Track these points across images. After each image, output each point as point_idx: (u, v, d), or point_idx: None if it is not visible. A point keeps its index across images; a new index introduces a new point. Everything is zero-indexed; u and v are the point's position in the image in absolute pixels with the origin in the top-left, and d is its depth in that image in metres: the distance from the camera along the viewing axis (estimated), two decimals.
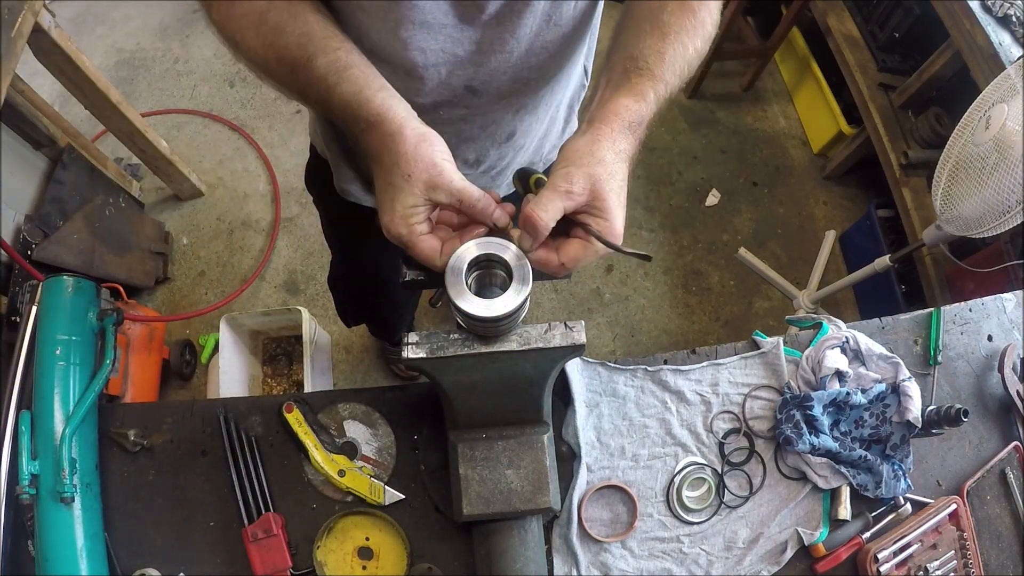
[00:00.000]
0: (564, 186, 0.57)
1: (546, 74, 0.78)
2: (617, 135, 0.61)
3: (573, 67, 0.84)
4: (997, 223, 1.32)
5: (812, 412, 0.86)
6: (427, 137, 0.58)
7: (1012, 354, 0.97)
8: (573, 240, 0.61)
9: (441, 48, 0.69)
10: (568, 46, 0.76)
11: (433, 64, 0.70)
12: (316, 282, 2.21)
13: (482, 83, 0.74)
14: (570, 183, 0.57)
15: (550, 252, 0.61)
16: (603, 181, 0.58)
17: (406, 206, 0.58)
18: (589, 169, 0.58)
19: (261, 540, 0.79)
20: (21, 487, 0.74)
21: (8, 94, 1.41)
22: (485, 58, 0.71)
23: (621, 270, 2.32)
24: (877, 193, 2.30)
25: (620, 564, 0.84)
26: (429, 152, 0.57)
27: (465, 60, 0.71)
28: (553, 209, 0.57)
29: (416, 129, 0.58)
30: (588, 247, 0.60)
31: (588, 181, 0.58)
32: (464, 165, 0.89)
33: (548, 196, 0.58)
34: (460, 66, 0.72)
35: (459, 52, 0.70)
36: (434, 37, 0.67)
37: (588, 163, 0.58)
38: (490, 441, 0.73)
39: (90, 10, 2.74)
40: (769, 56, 2.61)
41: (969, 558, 0.87)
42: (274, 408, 0.86)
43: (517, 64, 0.73)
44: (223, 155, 2.44)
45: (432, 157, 0.57)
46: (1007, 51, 1.61)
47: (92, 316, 0.85)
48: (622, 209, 0.60)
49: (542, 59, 0.75)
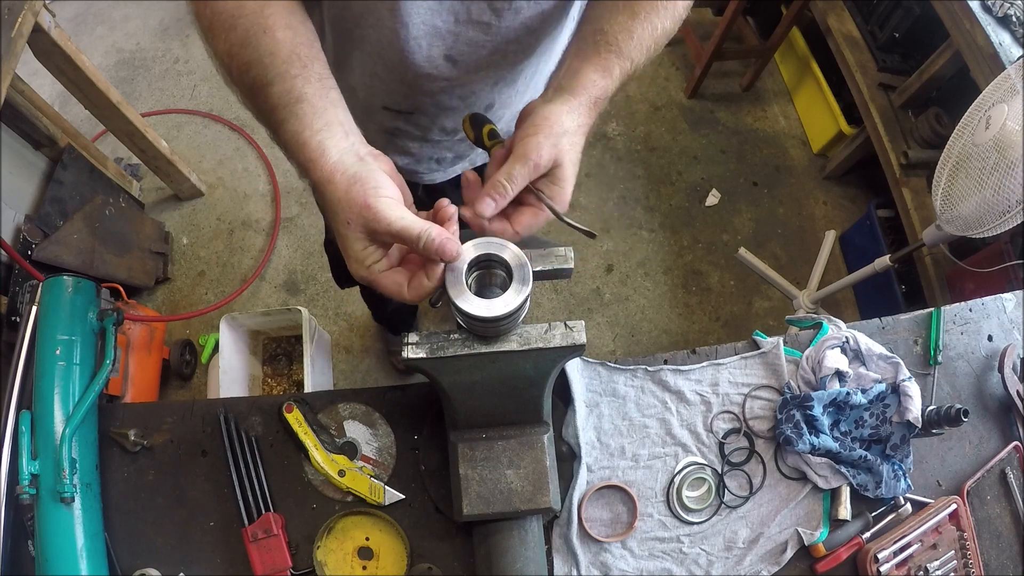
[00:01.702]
0: (533, 158, 0.59)
1: (527, 48, 0.80)
2: (583, 107, 0.63)
3: (554, 42, 0.85)
4: (997, 223, 1.32)
5: (812, 412, 0.86)
6: (359, 177, 0.56)
7: (1012, 354, 0.97)
8: (525, 209, 0.63)
9: (422, 20, 0.71)
10: (549, 22, 0.78)
11: (414, 37, 0.72)
12: (316, 282, 2.21)
13: (460, 54, 0.76)
14: (539, 154, 0.59)
15: (504, 222, 0.63)
16: (565, 152, 0.60)
17: (357, 251, 0.57)
18: (555, 140, 0.60)
19: (261, 540, 0.79)
20: (21, 487, 0.74)
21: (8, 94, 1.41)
22: (464, 29, 0.73)
23: (621, 270, 2.32)
24: (877, 193, 2.30)
25: (620, 564, 0.84)
26: (362, 194, 0.55)
27: (444, 31, 0.73)
28: (521, 180, 0.59)
29: (347, 172, 0.56)
30: (539, 214, 0.62)
31: (554, 152, 0.60)
32: (442, 133, 0.92)
33: (517, 169, 0.59)
34: (440, 37, 0.73)
35: (438, 23, 0.71)
36: (416, 9, 0.69)
37: (556, 132, 0.60)
38: (490, 441, 0.73)
39: (90, 10, 2.75)
40: (769, 56, 2.61)
41: (969, 558, 0.87)
42: (274, 408, 0.86)
43: (496, 37, 0.75)
44: (223, 155, 2.44)
45: (365, 199, 0.55)
46: (1007, 51, 1.61)
47: (92, 316, 0.85)
48: (575, 179, 0.63)
49: (521, 33, 0.76)
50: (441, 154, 0.99)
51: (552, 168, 0.60)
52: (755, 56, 2.62)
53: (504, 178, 0.59)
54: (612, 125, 2.62)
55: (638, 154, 2.56)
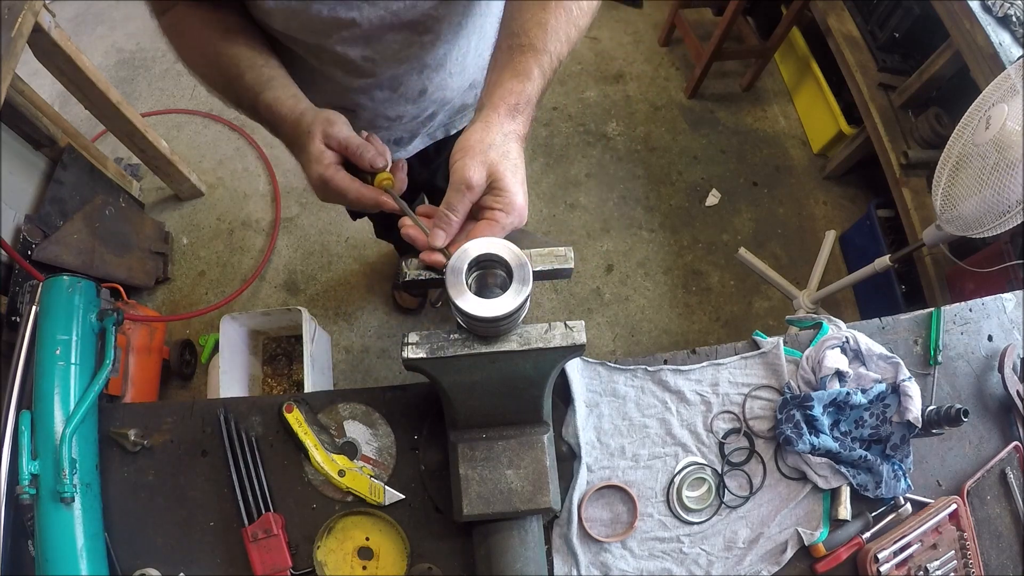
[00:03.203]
0: (464, 181, 0.62)
1: (439, 36, 0.85)
2: (504, 119, 0.65)
3: (474, 22, 0.89)
4: (997, 223, 1.32)
5: (812, 412, 0.86)
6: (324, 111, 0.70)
7: (1012, 354, 0.97)
8: (480, 223, 0.66)
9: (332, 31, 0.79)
10: (454, 9, 0.82)
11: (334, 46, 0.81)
12: (316, 282, 2.21)
13: (376, 52, 0.84)
14: (468, 176, 0.62)
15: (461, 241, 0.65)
16: (496, 163, 0.63)
17: (314, 153, 0.67)
18: (482, 157, 0.63)
19: (261, 540, 0.79)
20: (21, 487, 0.74)
21: (8, 94, 1.41)
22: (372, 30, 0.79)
23: (621, 270, 2.32)
24: (877, 193, 2.30)
25: (620, 564, 0.84)
26: (325, 113, 0.69)
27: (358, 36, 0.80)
28: (461, 205, 0.64)
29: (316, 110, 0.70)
30: (495, 225, 0.65)
31: (484, 168, 0.63)
32: (387, 120, 1.01)
33: (453, 196, 0.63)
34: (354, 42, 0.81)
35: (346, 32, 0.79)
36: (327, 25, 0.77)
37: (480, 151, 0.63)
38: (490, 441, 0.73)
39: (90, 10, 2.75)
40: (769, 56, 2.61)
41: (969, 558, 0.87)
42: (274, 408, 0.86)
43: (404, 30, 0.81)
44: (223, 155, 2.44)
45: (328, 115, 0.68)
46: (1007, 51, 1.61)
47: (92, 316, 0.85)
48: (521, 185, 0.65)
49: (428, 24, 0.82)
50: (397, 135, 1.08)
51: (491, 182, 0.63)
52: (755, 56, 2.62)
53: (445, 208, 0.64)
54: (612, 125, 2.62)
55: (638, 154, 2.56)
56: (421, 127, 1.08)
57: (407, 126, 1.06)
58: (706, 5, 2.87)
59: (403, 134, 1.09)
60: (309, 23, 0.76)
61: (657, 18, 2.91)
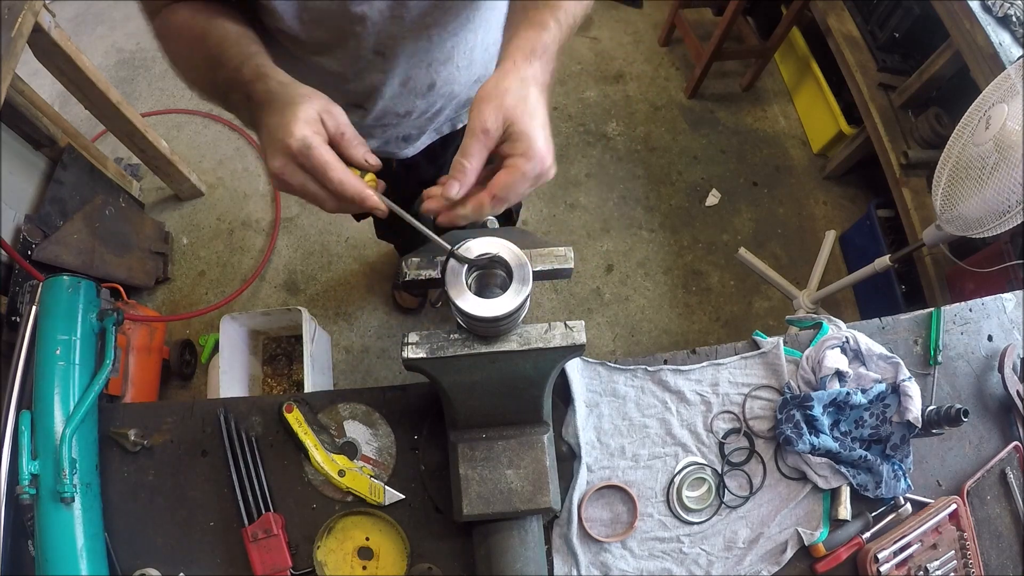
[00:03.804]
0: (479, 126, 0.59)
1: (447, 28, 0.84)
2: (521, 65, 0.62)
3: (480, 16, 0.88)
4: (997, 223, 1.32)
5: (812, 412, 0.86)
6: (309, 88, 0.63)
7: (1012, 354, 0.97)
8: (500, 172, 0.61)
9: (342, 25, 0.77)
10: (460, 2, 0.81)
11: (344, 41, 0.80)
12: (316, 282, 2.21)
13: (385, 46, 0.82)
14: (484, 121, 0.59)
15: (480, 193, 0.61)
16: (513, 108, 0.59)
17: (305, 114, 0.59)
18: (498, 102, 0.59)
19: (261, 540, 0.79)
20: (21, 487, 0.74)
21: (8, 94, 1.41)
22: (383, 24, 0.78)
23: (621, 270, 2.32)
24: (877, 193, 2.30)
25: (620, 564, 0.84)
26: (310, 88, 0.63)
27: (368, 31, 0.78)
28: (477, 152, 0.59)
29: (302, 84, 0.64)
30: (515, 171, 0.60)
31: (499, 112, 0.59)
32: (396, 117, 0.99)
33: (468, 142, 0.59)
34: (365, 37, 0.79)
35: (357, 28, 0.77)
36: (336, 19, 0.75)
37: (496, 96, 0.60)
38: (490, 441, 0.73)
39: (90, 10, 2.74)
40: (769, 56, 2.61)
41: (969, 558, 0.87)
42: (274, 408, 0.86)
43: (412, 25, 0.80)
44: (223, 155, 2.44)
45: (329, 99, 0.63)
46: (1007, 51, 1.61)
47: (92, 316, 0.85)
48: (542, 129, 0.61)
49: (436, 17, 0.81)
50: (405, 132, 1.08)
51: (507, 128, 0.60)
52: (755, 56, 2.62)
53: (460, 156, 0.60)
54: (612, 125, 2.62)
55: (638, 154, 2.56)
56: (429, 123, 1.08)
57: (415, 122, 1.05)
58: (706, 5, 2.87)
59: (412, 130, 1.08)
60: (319, 17, 0.75)
61: (657, 18, 2.91)
